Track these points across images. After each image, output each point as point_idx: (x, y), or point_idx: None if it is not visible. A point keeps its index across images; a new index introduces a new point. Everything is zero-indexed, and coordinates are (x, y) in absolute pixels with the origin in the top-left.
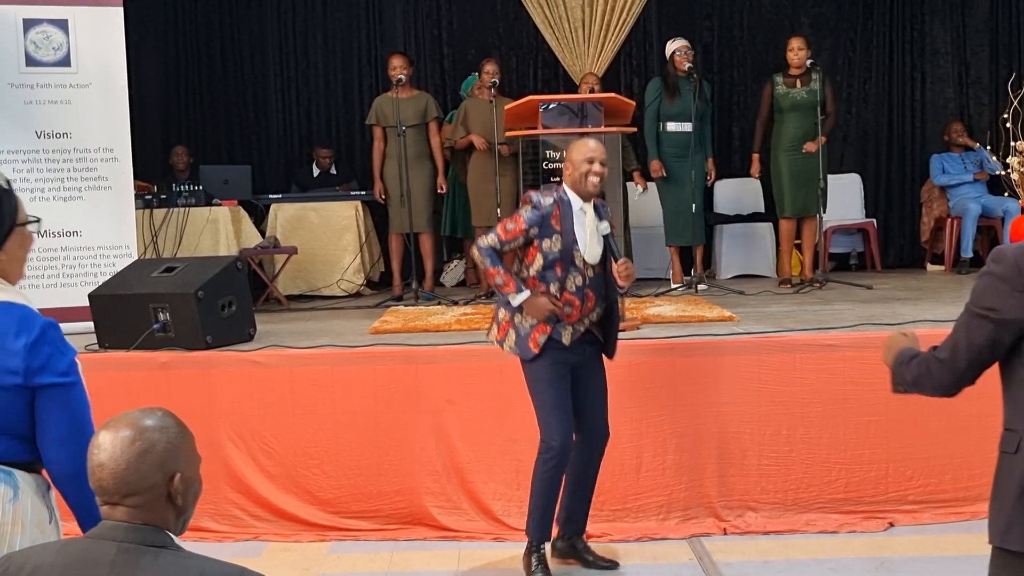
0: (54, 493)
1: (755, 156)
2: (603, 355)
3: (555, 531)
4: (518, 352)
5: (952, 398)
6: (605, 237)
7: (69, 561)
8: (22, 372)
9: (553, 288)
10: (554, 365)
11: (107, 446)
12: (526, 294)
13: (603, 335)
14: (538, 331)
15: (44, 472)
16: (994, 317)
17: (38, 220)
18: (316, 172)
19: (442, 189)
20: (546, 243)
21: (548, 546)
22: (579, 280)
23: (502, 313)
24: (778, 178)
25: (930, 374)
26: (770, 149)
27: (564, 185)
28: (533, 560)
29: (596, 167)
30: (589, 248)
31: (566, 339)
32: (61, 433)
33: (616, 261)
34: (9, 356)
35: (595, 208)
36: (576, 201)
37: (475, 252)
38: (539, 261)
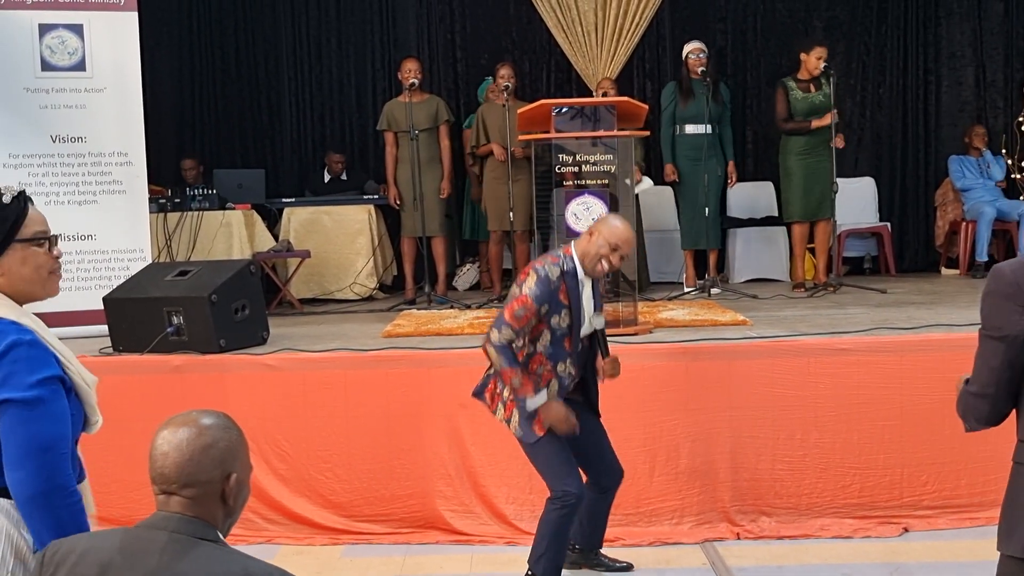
0: (22, 522)
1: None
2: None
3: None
4: (521, 436)
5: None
6: (597, 332)
7: (119, 546)
8: None
9: (564, 367)
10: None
11: (172, 437)
12: (543, 398)
13: (584, 396)
14: (524, 391)
15: None
16: (1003, 337)
17: (47, 237)
18: (327, 178)
19: (443, 193)
20: (555, 319)
21: None
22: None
23: (508, 392)
24: (788, 182)
25: (970, 409)
26: (780, 153)
27: (572, 249)
28: None
29: (615, 258)
30: (587, 323)
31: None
32: (20, 452)
33: (604, 357)
34: None
35: (593, 283)
36: (580, 271)
37: (489, 350)
38: (547, 337)
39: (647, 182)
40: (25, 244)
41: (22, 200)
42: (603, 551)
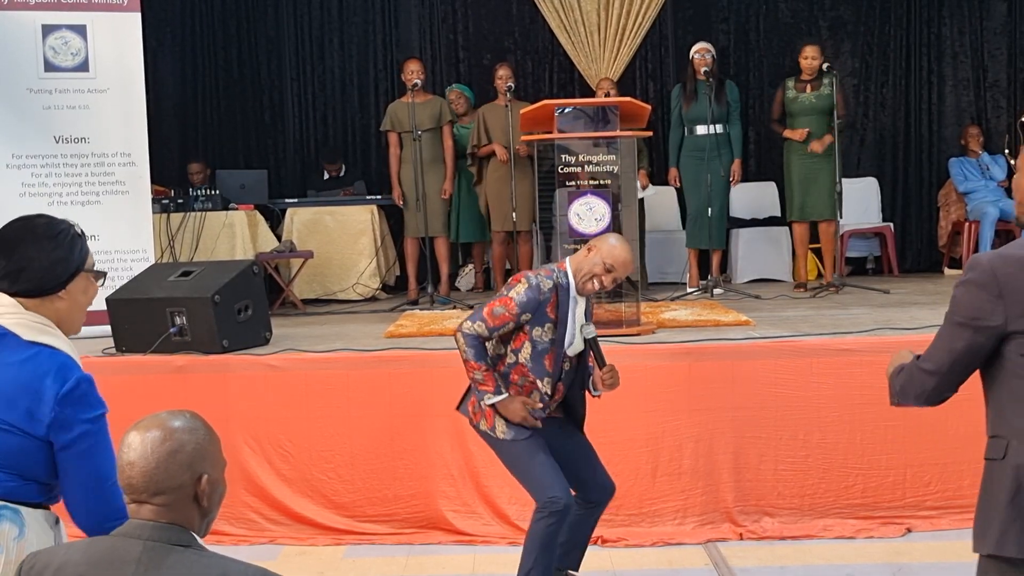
0: (64, 528)
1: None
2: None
3: None
4: (513, 435)
5: (971, 402)
6: (589, 340)
7: (95, 558)
8: (47, 422)
9: (545, 384)
10: (531, 439)
11: (137, 445)
12: (504, 396)
13: (567, 415)
14: (485, 387)
15: (52, 507)
16: (974, 324)
17: (104, 274)
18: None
19: (446, 194)
20: (537, 331)
21: None
22: (539, 405)
23: (479, 400)
24: (788, 181)
25: (913, 382)
26: (783, 153)
27: (567, 264)
28: None
29: (608, 279)
30: (576, 342)
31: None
32: (82, 485)
33: (600, 368)
34: (39, 403)
35: (586, 302)
36: (573, 288)
37: (458, 337)
38: (527, 349)
39: (652, 189)
40: (88, 275)
41: (83, 235)
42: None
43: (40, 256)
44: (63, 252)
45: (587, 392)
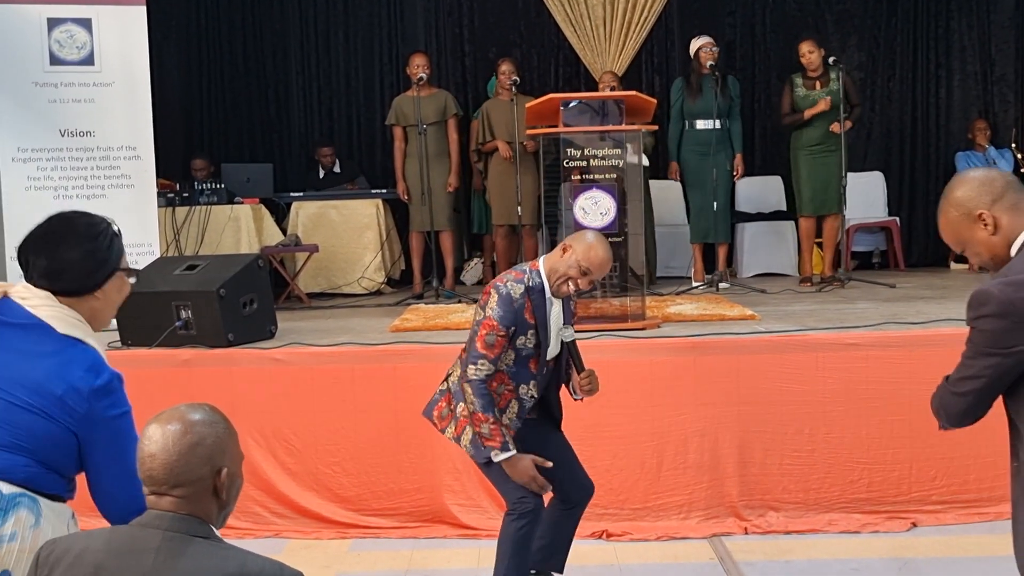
0: (79, 526)
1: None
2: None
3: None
4: (473, 455)
5: None
6: (567, 344)
7: (115, 547)
8: (79, 415)
9: (527, 388)
10: None
11: (158, 437)
12: (511, 454)
13: (546, 415)
14: (491, 443)
15: (70, 502)
16: (1003, 353)
17: (137, 271)
18: (322, 174)
19: (451, 187)
20: (520, 339)
21: None
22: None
23: (461, 408)
24: (797, 177)
25: (945, 405)
26: (789, 148)
27: (540, 265)
28: None
29: (584, 282)
30: (553, 344)
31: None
32: (115, 479)
33: (579, 372)
34: (73, 395)
35: (563, 303)
36: (547, 289)
37: (467, 389)
38: (511, 356)
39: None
40: (123, 273)
41: (120, 233)
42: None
43: (81, 258)
44: (103, 254)
45: (567, 394)
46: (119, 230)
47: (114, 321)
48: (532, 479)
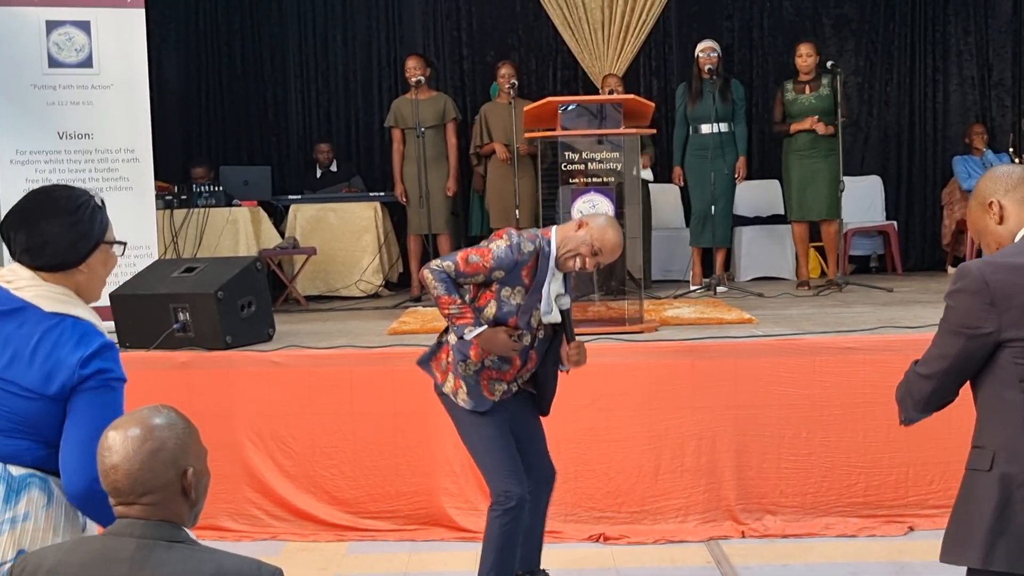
0: None
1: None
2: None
3: None
4: (473, 406)
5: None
6: (564, 312)
7: (88, 558)
8: (70, 386)
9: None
10: (494, 416)
11: (119, 447)
12: (484, 328)
13: (538, 391)
14: (485, 378)
15: None
16: (968, 332)
17: (124, 244)
18: (319, 173)
19: (450, 191)
20: (505, 291)
21: None
22: (527, 340)
23: (446, 359)
24: (787, 182)
25: (911, 389)
26: (782, 153)
27: (552, 233)
28: None
29: (591, 262)
30: (553, 311)
31: (496, 396)
32: (82, 442)
33: (569, 342)
34: (63, 369)
35: (564, 276)
36: (553, 258)
37: (425, 274)
38: (492, 308)
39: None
40: (108, 246)
41: (104, 204)
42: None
43: (62, 231)
44: (85, 227)
45: (563, 377)
46: (103, 202)
47: (112, 323)
48: (505, 344)
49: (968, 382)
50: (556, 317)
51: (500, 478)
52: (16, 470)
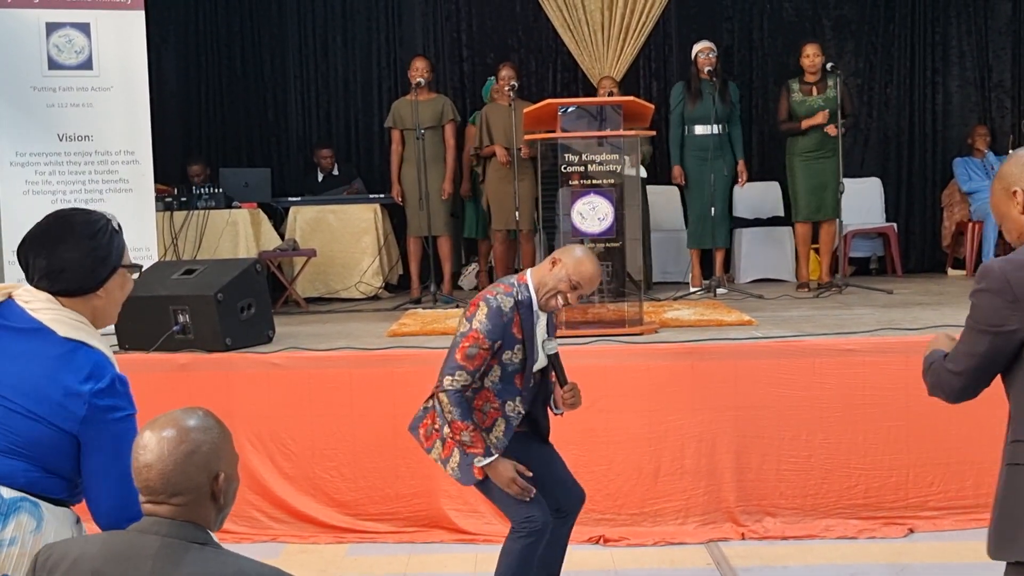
0: (85, 530)
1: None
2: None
3: None
4: (459, 478)
5: (973, 403)
6: (551, 357)
7: (112, 553)
8: (79, 417)
9: (513, 405)
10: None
11: (154, 447)
12: (494, 458)
13: (531, 428)
14: (474, 450)
15: (76, 507)
16: (994, 331)
17: (140, 267)
18: (320, 177)
19: (444, 193)
20: (507, 355)
21: None
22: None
23: (447, 430)
24: (792, 183)
25: (941, 382)
26: (786, 154)
27: (528, 277)
28: None
29: (573, 296)
30: (539, 357)
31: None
32: (107, 486)
33: (562, 386)
34: (73, 398)
35: (547, 316)
36: (535, 303)
37: (442, 397)
38: (497, 372)
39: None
40: (125, 270)
41: (120, 229)
42: None
43: (80, 257)
44: (103, 252)
45: (549, 409)
46: (119, 226)
47: (112, 325)
48: (512, 481)
49: (1000, 376)
50: (543, 363)
51: (519, 507)
52: (8, 492)
